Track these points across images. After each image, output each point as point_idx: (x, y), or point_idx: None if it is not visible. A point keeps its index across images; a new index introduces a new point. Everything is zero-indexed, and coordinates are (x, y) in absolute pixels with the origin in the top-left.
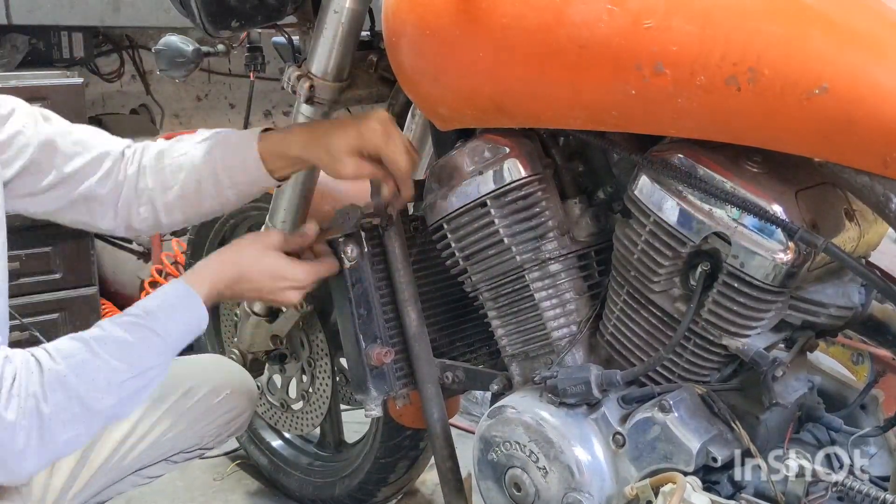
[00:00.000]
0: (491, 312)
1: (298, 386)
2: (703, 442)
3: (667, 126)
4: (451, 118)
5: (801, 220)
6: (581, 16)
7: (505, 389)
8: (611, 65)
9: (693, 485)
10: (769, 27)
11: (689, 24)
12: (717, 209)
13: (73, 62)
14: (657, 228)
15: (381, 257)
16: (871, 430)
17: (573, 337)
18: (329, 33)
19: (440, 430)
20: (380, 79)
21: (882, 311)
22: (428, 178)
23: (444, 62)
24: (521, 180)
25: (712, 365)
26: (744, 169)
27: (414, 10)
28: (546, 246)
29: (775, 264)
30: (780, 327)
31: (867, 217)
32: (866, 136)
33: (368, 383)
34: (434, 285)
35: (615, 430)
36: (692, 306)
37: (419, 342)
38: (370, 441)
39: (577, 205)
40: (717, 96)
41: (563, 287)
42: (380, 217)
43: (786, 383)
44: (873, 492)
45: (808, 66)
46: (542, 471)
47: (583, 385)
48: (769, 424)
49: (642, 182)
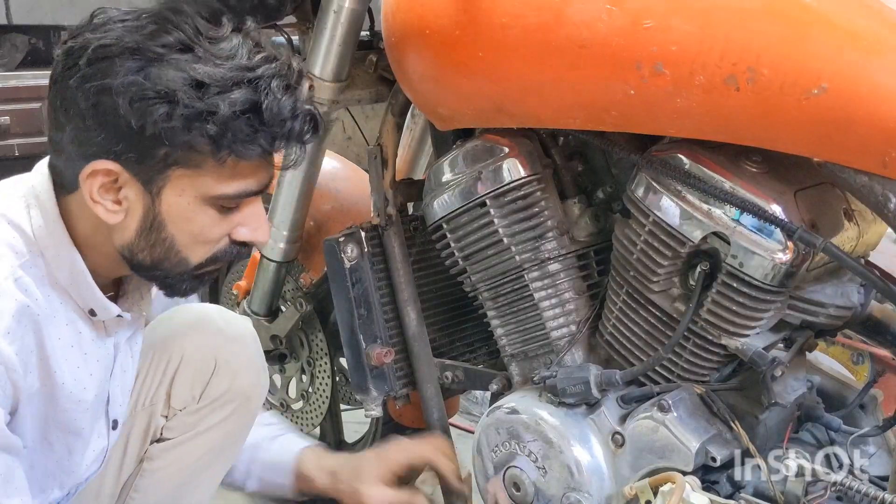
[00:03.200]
0: (490, 312)
1: (298, 386)
2: (702, 441)
3: (666, 126)
4: (450, 118)
5: (800, 220)
6: (580, 16)
7: (504, 389)
8: (610, 65)
9: (692, 484)
10: (768, 27)
11: (689, 23)
12: (716, 209)
13: None
14: (656, 228)
15: (381, 257)
16: (870, 430)
17: (572, 337)
18: (328, 33)
19: (440, 430)
20: (379, 79)
21: (881, 311)
22: (427, 178)
23: (443, 62)
24: (520, 180)
25: (711, 365)
26: (743, 169)
27: (414, 10)
28: (545, 246)
29: (774, 264)
30: (779, 327)
31: (866, 217)
32: (865, 135)
33: (368, 383)
34: (434, 285)
35: (614, 429)
36: (691, 306)
37: (419, 342)
38: (370, 441)
39: (576, 205)
40: (717, 96)
41: (563, 287)
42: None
43: (785, 383)
44: (872, 491)
45: (807, 66)
46: (541, 470)
47: (582, 385)
48: (768, 424)
49: (641, 182)
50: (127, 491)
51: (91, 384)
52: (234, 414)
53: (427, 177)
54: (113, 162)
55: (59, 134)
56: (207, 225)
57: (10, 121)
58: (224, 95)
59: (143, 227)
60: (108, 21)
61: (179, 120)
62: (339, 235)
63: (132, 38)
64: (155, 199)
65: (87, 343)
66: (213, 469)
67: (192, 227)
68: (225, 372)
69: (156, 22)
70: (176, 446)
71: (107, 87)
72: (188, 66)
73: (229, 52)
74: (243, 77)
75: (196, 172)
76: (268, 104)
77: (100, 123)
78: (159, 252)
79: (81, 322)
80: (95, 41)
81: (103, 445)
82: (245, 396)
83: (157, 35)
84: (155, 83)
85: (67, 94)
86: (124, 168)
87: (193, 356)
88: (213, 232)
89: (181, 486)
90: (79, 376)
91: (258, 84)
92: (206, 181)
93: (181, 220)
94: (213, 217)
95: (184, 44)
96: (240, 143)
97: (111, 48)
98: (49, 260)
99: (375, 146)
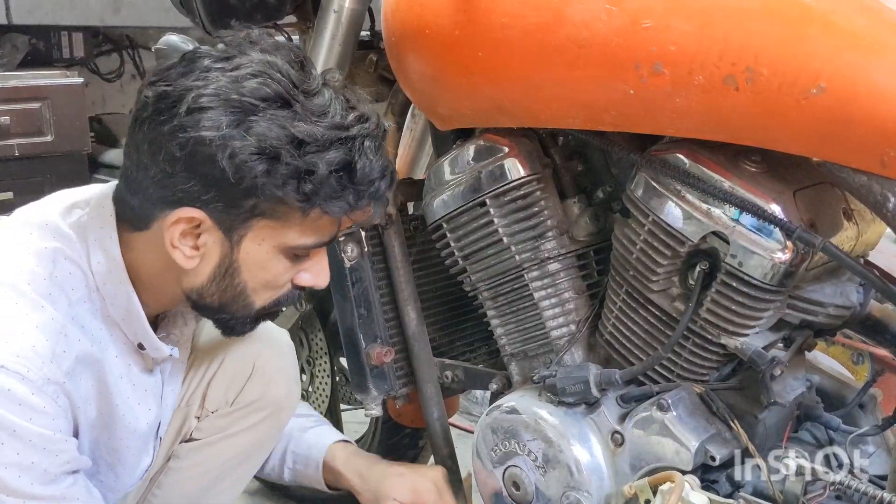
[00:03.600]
0: (490, 312)
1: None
2: (701, 441)
3: (665, 125)
4: (450, 118)
5: (799, 220)
6: (580, 15)
7: (504, 389)
8: (609, 64)
9: (691, 483)
10: (767, 27)
11: (688, 23)
12: (715, 208)
13: (73, 62)
14: (656, 228)
15: (381, 256)
16: (869, 430)
17: (572, 336)
18: (329, 33)
19: (440, 430)
20: (379, 78)
21: (881, 311)
22: (427, 178)
23: (443, 62)
24: (520, 180)
25: (711, 364)
26: (742, 168)
27: (414, 10)
28: (545, 245)
29: (773, 263)
30: (779, 326)
31: (865, 216)
32: (864, 135)
33: (368, 382)
34: (433, 285)
35: (614, 428)
36: (691, 305)
37: (419, 341)
38: (369, 440)
39: (576, 204)
40: (716, 96)
41: (562, 286)
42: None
43: (784, 382)
44: (871, 491)
45: (806, 66)
46: (540, 470)
47: (582, 384)
48: (768, 423)
49: (641, 181)
50: (151, 487)
51: (142, 413)
52: (265, 421)
53: (427, 176)
54: (199, 210)
55: (141, 174)
56: (280, 272)
57: (10, 121)
58: (321, 154)
59: (218, 273)
60: (206, 69)
61: (279, 177)
62: (340, 235)
63: (234, 88)
64: (234, 247)
65: (137, 375)
66: (237, 473)
67: (265, 275)
68: (260, 379)
69: (255, 74)
70: (203, 447)
71: (204, 139)
72: (288, 122)
73: (323, 109)
74: (339, 136)
75: (279, 224)
76: (361, 165)
77: (191, 172)
78: (229, 296)
79: (130, 355)
80: (196, 90)
81: (148, 463)
82: (277, 405)
83: (259, 89)
84: (258, 139)
85: (159, 139)
86: (209, 216)
87: (232, 361)
88: (282, 278)
89: (204, 487)
90: (131, 406)
91: (353, 145)
92: (288, 233)
93: (256, 268)
94: (286, 265)
95: (282, 98)
96: (330, 201)
97: (213, 98)
98: (105, 296)
99: None
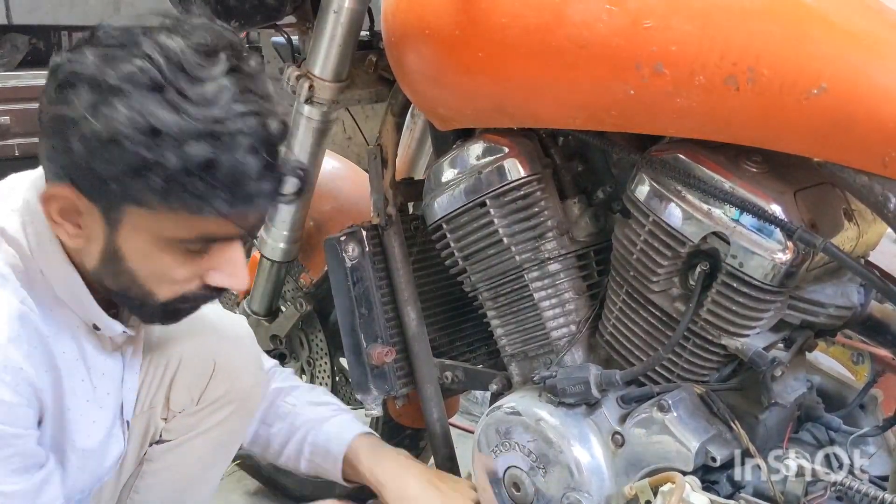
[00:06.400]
0: (490, 312)
1: None
2: (702, 441)
3: (666, 126)
4: (450, 118)
5: (799, 220)
6: (580, 16)
7: (504, 389)
8: (610, 65)
9: (692, 484)
10: (768, 27)
11: (689, 23)
12: (716, 209)
13: None
14: (656, 228)
15: (381, 256)
16: (870, 430)
17: (572, 337)
18: (328, 33)
19: (440, 430)
20: (379, 79)
21: (881, 311)
22: (427, 178)
23: (443, 62)
24: (520, 180)
25: (711, 364)
26: (743, 169)
27: (414, 10)
28: (545, 246)
29: (774, 264)
30: (779, 327)
31: (866, 217)
32: (865, 135)
33: (369, 382)
34: (434, 285)
35: (614, 429)
36: (691, 306)
37: (419, 342)
38: None
39: (576, 204)
40: (717, 96)
41: (563, 287)
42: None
43: (785, 383)
44: (872, 491)
45: (807, 66)
46: (541, 470)
47: (582, 385)
48: (768, 424)
49: (641, 182)
50: (127, 493)
51: (100, 396)
52: (234, 413)
53: (427, 177)
54: (69, 187)
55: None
56: (170, 265)
57: (10, 121)
58: (178, 147)
59: (105, 256)
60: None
61: (125, 166)
62: (341, 234)
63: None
64: (113, 231)
65: (93, 357)
66: (214, 468)
67: (152, 265)
68: (224, 374)
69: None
70: (175, 447)
71: (62, 117)
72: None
73: (204, 99)
74: (209, 129)
75: (151, 213)
76: (229, 163)
77: (57, 149)
78: (123, 281)
79: (86, 337)
80: (67, 66)
81: (119, 450)
82: (245, 396)
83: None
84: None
85: (41, 111)
86: (82, 194)
87: (192, 359)
88: (177, 273)
89: (181, 486)
90: (86, 389)
91: (224, 140)
92: (162, 223)
93: (139, 256)
94: (177, 258)
95: (155, 83)
96: (192, 199)
97: (77, 76)
98: (48, 276)
99: (375, 146)
